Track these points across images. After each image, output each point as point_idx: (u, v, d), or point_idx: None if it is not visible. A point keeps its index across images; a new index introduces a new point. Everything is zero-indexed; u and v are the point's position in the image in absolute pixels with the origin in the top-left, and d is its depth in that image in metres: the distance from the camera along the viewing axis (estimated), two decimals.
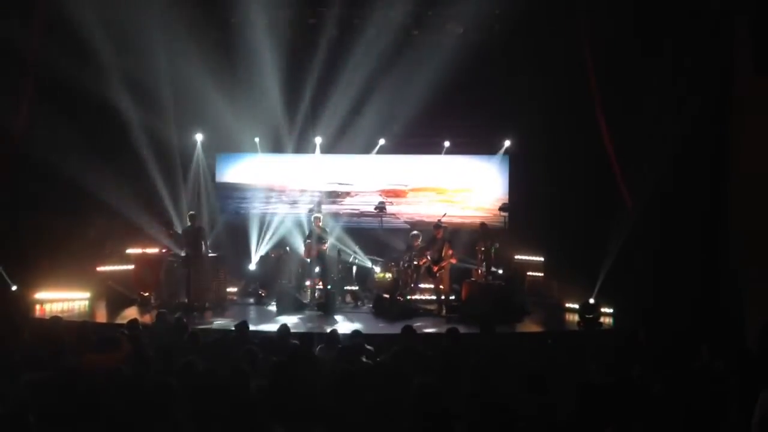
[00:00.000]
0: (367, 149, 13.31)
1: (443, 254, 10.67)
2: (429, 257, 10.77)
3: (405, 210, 13.65)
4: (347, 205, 13.76)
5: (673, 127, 9.55)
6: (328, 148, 13.32)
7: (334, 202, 13.76)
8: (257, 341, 6.89)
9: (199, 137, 13.16)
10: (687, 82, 9.53)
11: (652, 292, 9.66)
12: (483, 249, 10.89)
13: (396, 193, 13.72)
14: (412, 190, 13.69)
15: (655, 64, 9.78)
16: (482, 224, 11.58)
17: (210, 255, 11.29)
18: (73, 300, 11.01)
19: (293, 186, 13.80)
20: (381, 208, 13.54)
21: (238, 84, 12.18)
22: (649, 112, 9.88)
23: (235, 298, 11.78)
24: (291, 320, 9.75)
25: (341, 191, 13.78)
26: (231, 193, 13.80)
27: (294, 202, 13.68)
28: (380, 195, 13.69)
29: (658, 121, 9.80)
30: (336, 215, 13.47)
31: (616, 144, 10.62)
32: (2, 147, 10.46)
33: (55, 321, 7.81)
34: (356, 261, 12.22)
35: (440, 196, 13.61)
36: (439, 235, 10.85)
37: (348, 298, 11.76)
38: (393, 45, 11.64)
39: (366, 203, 13.72)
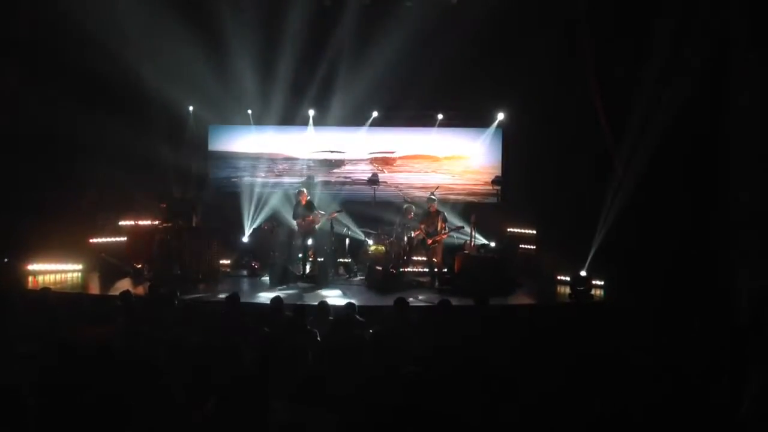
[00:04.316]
0: (359, 122, 13.24)
1: (438, 227, 10.67)
2: (423, 230, 10.76)
3: (397, 180, 13.60)
4: (339, 174, 13.72)
5: (668, 97, 9.53)
6: (321, 121, 13.23)
7: (326, 172, 13.72)
8: (250, 313, 6.92)
9: (191, 108, 13.12)
10: (683, 53, 9.48)
11: (643, 264, 9.72)
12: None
13: (386, 161, 13.67)
14: (402, 157, 13.64)
15: (651, 34, 9.71)
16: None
17: (202, 227, 11.25)
18: (66, 272, 10.99)
19: (286, 156, 13.74)
20: (374, 180, 13.48)
21: (230, 56, 12.02)
22: (643, 81, 9.84)
23: (227, 270, 11.77)
24: (284, 292, 9.77)
25: (333, 159, 13.72)
26: (223, 163, 13.76)
27: (286, 173, 13.66)
28: (371, 164, 13.64)
29: (652, 92, 9.77)
30: (328, 183, 13.47)
31: (608, 114, 10.61)
32: None
33: (45, 292, 7.80)
34: (349, 233, 12.17)
35: (433, 165, 13.58)
36: (433, 209, 10.84)
37: (341, 270, 11.77)
38: (386, 16, 11.47)
39: (358, 171, 13.67)
